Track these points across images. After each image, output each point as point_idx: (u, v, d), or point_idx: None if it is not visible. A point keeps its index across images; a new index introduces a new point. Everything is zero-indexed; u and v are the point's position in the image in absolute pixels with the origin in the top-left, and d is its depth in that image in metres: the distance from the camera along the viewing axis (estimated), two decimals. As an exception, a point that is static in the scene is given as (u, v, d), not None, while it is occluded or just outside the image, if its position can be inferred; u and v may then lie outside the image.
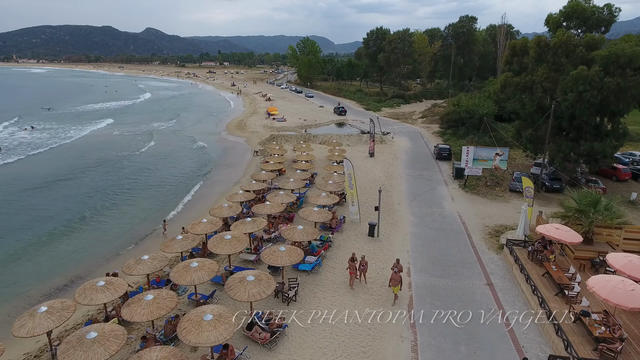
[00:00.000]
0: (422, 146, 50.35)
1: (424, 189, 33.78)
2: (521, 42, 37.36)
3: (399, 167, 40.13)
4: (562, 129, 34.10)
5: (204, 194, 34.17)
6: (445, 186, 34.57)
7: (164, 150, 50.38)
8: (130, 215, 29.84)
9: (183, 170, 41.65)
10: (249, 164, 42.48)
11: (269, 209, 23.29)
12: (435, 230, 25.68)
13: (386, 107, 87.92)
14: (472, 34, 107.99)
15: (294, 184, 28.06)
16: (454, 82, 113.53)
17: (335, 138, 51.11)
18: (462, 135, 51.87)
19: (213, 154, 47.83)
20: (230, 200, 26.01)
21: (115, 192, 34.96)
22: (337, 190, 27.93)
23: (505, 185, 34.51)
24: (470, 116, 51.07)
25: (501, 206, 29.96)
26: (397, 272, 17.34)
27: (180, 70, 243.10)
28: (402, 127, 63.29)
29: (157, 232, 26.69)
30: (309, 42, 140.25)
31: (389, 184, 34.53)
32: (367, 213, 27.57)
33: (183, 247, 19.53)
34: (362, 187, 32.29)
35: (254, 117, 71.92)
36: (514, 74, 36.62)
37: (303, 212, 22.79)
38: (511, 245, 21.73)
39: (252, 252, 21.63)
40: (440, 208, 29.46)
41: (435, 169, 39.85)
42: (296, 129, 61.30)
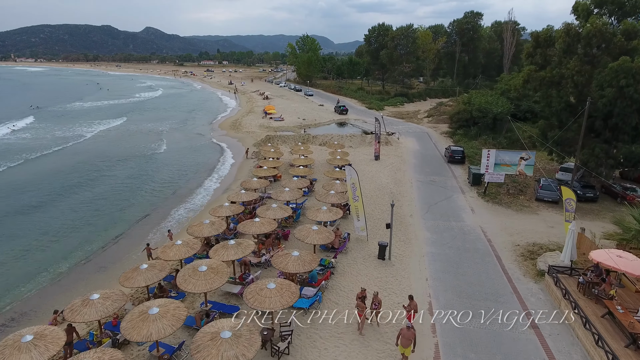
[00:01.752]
0: (431, 148, 46.30)
1: (438, 197, 29.74)
2: (545, 32, 33.26)
3: (408, 172, 36.07)
4: (593, 129, 30.05)
5: (184, 207, 29.69)
6: (461, 194, 30.52)
7: (142, 155, 44.81)
8: (90, 235, 25.09)
9: (162, 177, 36.93)
10: (241, 168, 38.41)
11: (259, 227, 19.23)
12: (457, 250, 21.66)
13: (389, 106, 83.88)
14: (477, 31, 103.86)
15: (289, 194, 24.00)
16: (458, 80, 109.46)
17: (336, 139, 47.08)
18: (474, 136, 47.85)
19: (200, 157, 43.55)
20: (214, 214, 21.99)
21: (79, 204, 30.10)
22: (340, 202, 23.87)
23: (530, 194, 30.48)
24: (483, 115, 47.01)
25: (529, 219, 25.92)
26: (410, 327, 12.95)
27: (177, 69, 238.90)
28: (408, 127, 59.24)
29: (130, 257, 22.39)
30: (308, 39, 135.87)
31: (398, 192, 30.49)
32: (375, 228, 23.55)
33: (149, 279, 15.50)
34: (368, 195, 28.27)
35: (250, 116, 67.86)
36: (538, 68, 32.63)
37: (300, 232, 18.73)
38: (555, 273, 17.70)
39: (236, 282, 17.62)
40: (460, 221, 25.42)
41: (448, 174, 35.80)
42: (294, 129, 57.25)
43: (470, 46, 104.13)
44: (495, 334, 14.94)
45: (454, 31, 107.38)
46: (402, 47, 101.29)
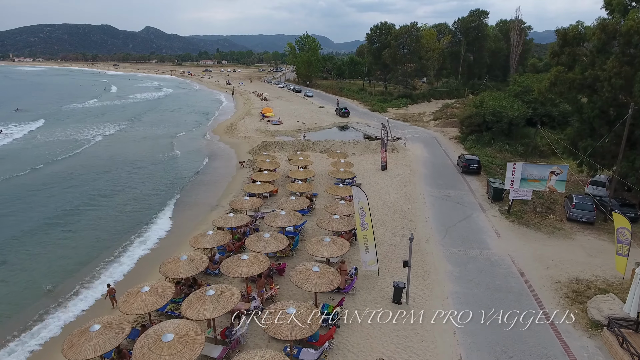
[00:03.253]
0: (441, 155, 42.65)
1: (455, 216, 26.11)
2: (574, 29, 29.63)
3: (419, 185, 32.44)
4: (630, 138, 26.43)
5: (163, 234, 24.84)
6: (482, 212, 26.89)
7: (123, 164, 39.89)
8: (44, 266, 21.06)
9: (143, 192, 32.32)
10: (233, 179, 34.75)
11: (247, 267, 15.56)
12: (486, 288, 18.05)
13: (392, 108, 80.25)
14: (483, 30, 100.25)
15: (286, 220, 20.35)
16: (462, 81, 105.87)
17: (338, 146, 43.44)
18: (487, 142, 44.20)
19: (188, 166, 39.46)
20: (195, 245, 18.39)
21: (42, 228, 25.58)
22: (345, 230, 20.25)
23: (559, 212, 26.87)
24: (497, 120, 43.34)
25: (565, 245, 22.30)
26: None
27: (175, 68, 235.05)
28: (414, 131, 55.59)
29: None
30: (308, 38, 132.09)
31: (410, 210, 26.87)
32: (385, 257, 19.99)
33: (100, 346, 11.87)
34: (376, 214, 24.65)
35: (246, 119, 64.20)
36: (567, 69, 29.02)
37: (297, 275, 15.06)
38: (617, 327, 14.11)
39: (216, 340, 14.02)
40: (485, 249, 21.81)
41: (464, 187, 32.18)
42: (293, 133, 53.65)
43: (475, 45, 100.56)
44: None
45: (459, 30, 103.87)
46: (406, 46, 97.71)
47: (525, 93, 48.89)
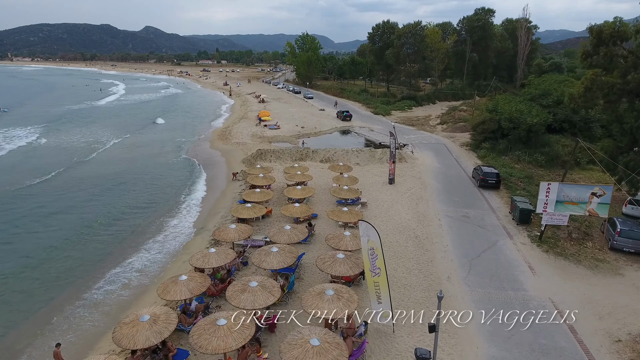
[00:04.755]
0: (453, 165, 38.92)
1: (479, 244, 22.38)
2: (610, 26, 25.90)
3: (433, 202, 28.71)
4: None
5: (133, 277, 20.32)
6: (508, 239, 23.15)
7: (97, 181, 34.55)
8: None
9: (112, 213, 27.47)
10: (223, 195, 30.95)
11: (224, 338, 11.78)
12: (530, 350, 14.32)
13: (396, 110, 76.47)
14: (488, 29, 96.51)
15: (278, 260, 16.58)
16: (467, 82, 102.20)
17: (340, 155, 39.67)
18: (503, 151, 40.48)
19: (173, 180, 35.14)
20: (163, 295, 14.65)
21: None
22: (350, 275, 16.51)
23: (598, 238, 23.14)
24: (514, 126, 39.61)
25: (614, 284, 18.58)
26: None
27: (172, 68, 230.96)
28: (421, 137, 51.90)
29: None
30: (308, 37, 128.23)
31: (424, 235, 23.15)
32: (401, 303, 16.26)
33: None
34: (386, 241, 20.92)
35: (242, 123, 60.43)
36: (603, 72, 25.34)
37: (290, 352, 11.27)
38: None
39: None
40: (520, 290, 18.09)
41: (483, 205, 28.45)
42: (291, 139, 50.00)
43: (481, 45, 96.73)
44: None
45: (464, 29, 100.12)
46: (410, 45, 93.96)
47: (542, 97, 45.17)
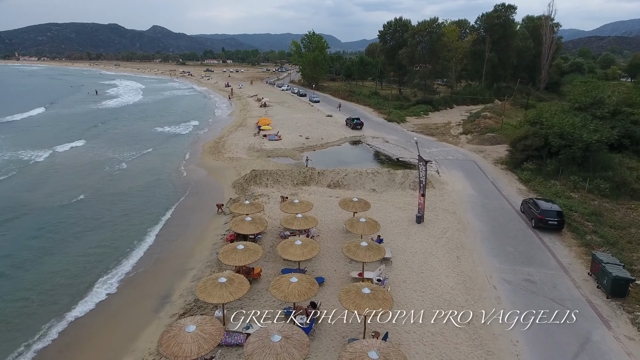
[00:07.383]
0: (491, 192, 31.29)
1: (565, 340, 14.93)
2: None
3: (479, 254, 21.25)
4: None
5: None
6: (605, 328, 15.66)
7: (47, 210, 27.79)
8: None
9: (62, 263, 20.94)
10: (202, 236, 23.78)
11: None
12: None
13: (411, 116, 68.79)
14: (509, 27, 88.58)
15: None
16: (486, 84, 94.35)
17: (352, 179, 32.28)
18: (552, 174, 32.88)
19: (144, 212, 27.56)
20: None
21: None
22: None
23: None
24: (567, 143, 32.01)
25: None
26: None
27: (175, 68, 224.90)
28: (444, 150, 44.27)
29: None
30: (314, 36, 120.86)
31: (478, 322, 15.74)
32: None
33: None
34: (423, 333, 13.61)
35: (239, 132, 53.34)
36: None
37: None
38: None
39: None
40: None
41: (548, 260, 20.92)
42: (294, 153, 42.84)
43: (500, 44, 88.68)
44: None
45: (482, 27, 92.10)
46: (425, 44, 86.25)
47: (595, 105, 37.41)
